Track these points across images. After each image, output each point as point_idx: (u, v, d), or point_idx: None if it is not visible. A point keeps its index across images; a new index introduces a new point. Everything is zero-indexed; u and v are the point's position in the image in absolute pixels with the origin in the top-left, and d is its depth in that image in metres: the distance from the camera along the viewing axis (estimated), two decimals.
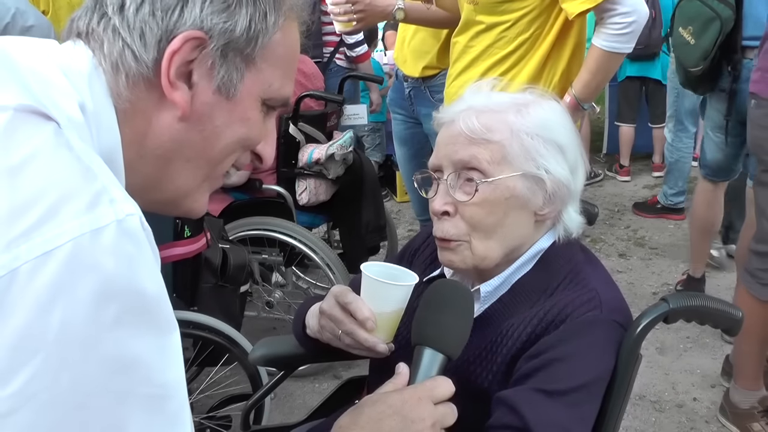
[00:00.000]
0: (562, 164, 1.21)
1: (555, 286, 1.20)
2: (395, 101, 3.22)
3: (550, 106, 1.26)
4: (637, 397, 2.87)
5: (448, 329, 1.06)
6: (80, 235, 0.60)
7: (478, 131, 1.19)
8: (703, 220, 3.48)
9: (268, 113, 0.87)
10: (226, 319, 2.32)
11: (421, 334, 1.07)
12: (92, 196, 0.63)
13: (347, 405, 1.51)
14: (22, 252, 0.58)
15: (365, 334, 1.16)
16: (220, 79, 0.79)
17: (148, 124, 0.79)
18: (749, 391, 2.60)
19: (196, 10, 0.77)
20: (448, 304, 1.09)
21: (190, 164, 0.83)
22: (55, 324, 0.58)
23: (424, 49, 2.99)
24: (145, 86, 0.78)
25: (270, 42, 0.81)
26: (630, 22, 2.10)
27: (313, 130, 3.15)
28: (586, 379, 1.10)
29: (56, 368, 0.59)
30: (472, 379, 1.18)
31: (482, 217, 1.20)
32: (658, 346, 3.23)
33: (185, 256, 2.32)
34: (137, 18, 0.77)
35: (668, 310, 1.17)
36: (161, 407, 0.67)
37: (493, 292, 1.25)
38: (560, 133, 1.22)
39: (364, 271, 1.18)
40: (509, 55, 2.32)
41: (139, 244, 0.65)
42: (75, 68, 0.76)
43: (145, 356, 0.65)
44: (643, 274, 4.13)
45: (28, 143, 0.63)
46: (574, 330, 1.12)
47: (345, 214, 3.36)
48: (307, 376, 3.02)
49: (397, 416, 0.94)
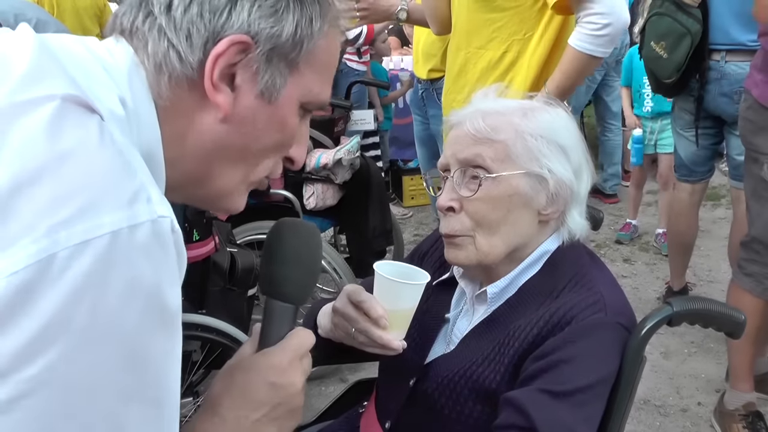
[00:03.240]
0: (565, 165, 1.24)
1: (561, 288, 1.22)
2: (414, 102, 3.26)
3: (556, 112, 1.29)
4: (642, 401, 2.88)
5: (292, 279, 0.97)
6: (119, 228, 0.61)
7: (484, 131, 1.23)
8: (680, 234, 3.52)
9: (303, 116, 0.87)
10: (233, 322, 2.33)
11: (267, 286, 0.98)
12: (132, 191, 0.64)
13: (354, 408, 1.53)
14: (62, 238, 0.59)
15: (379, 331, 1.18)
16: (264, 84, 0.79)
17: (190, 124, 0.79)
18: (739, 392, 2.61)
19: (244, 13, 0.76)
20: (289, 253, 0.97)
21: (229, 165, 0.83)
22: (83, 312, 0.59)
23: (432, 52, 3.02)
24: (187, 86, 0.77)
25: (314, 48, 0.81)
26: (605, 24, 2.06)
27: (320, 135, 3.17)
28: (591, 380, 1.12)
29: (76, 356, 0.60)
30: (480, 380, 1.20)
31: (486, 213, 1.22)
32: (662, 350, 3.24)
33: (194, 260, 2.34)
34: (185, 19, 0.76)
35: (672, 313, 1.19)
36: (160, 413, 0.67)
37: (500, 294, 1.27)
38: (564, 136, 1.26)
39: (378, 270, 1.19)
40: (501, 58, 2.31)
41: (167, 248, 0.65)
42: (114, 64, 0.76)
43: (157, 358, 0.65)
44: (647, 279, 4.14)
45: (75, 133, 0.64)
46: (579, 332, 1.14)
47: (352, 219, 3.38)
48: (314, 379, 3.03)
49: (267, 385, 0.89)
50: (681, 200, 3.45)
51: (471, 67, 2.39)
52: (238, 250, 2.58)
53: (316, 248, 1.00)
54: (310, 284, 1.01)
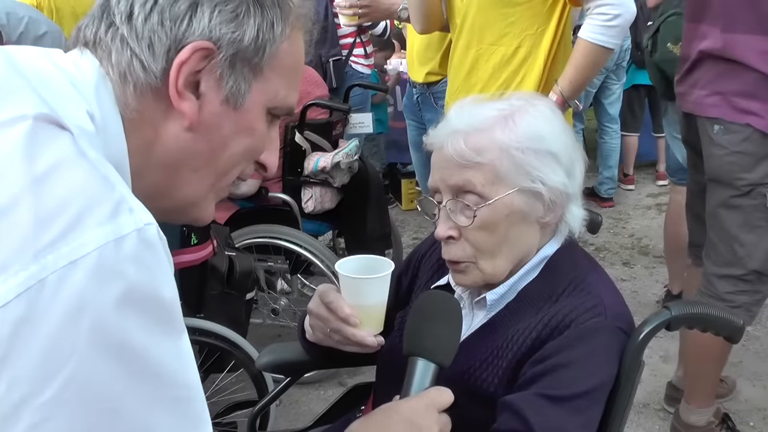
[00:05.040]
0: (557, 171, 1.20)
1: (560, 292, 1.21)
2: (408, 108, 3.24)
3: (537, 112, 1.23)
4: (642, 405, 2.87)
5: (439, 339, 1.08)
6: (104, 243, 0.61)
7: (468, 155, 1.18)
8: (678, 237, 3.51)
9: (272, 122, 0.87)
10: (232, 326, 2.33)
11: (413, 345, 1.09)
12: (113, 205, 0.64)
13: (352, 411, 1.53)
14: (50, 262, 0.59)
15: (351, 329, 1.19)
16: (228, 89, 0.79)
17: (156, 134, 0.79)
18: (705, 408, 2.56)
19: (205, 20, 0.77)
20: (438, 314, 1.11)
21: (197, 174, 0.83)
22: (84, 331, 0.59)
23: (428, 55, 3.01)
24: (152, 96, 0.77)
25: (277, 51, 0.81)
26: (616, 15, 2.08)
27: (318, 138, 3.17)
28: (589, 385, 1.12)
29: (87, 374, 0.60)
30: (478, 384, 1.20)
31: (485, 239, 1.21)
32: (662, 354, 3.23)
33: (192, 264, 2.33)
34: (146, 27, 0.76)
35: (670, 318, 1.19)
36: (185, 409, 0.68)
37: (500, 300, 1.26)
38: (551, 141, 1.21)
39: (338, 268, 1.21)
40: (513, 54, 2.30)
41: (157, 252, 0.66)
42: (82, 78, 0.76)
43: (168, 360, 0.66)
44: (646, 282, 4.13)
45: (50, 153, 0.64)
46: (578, 336, 1.14)
47: (350, 222, 3.38)
48: (312, 383, 3.03)
49: (405, 422, 0.97)
50: (678, 204, 3.44)
51: (483, 64, 2.36)
52: (236, 253, 2.57)
53: (460, 317, 1.12)
54: (454, 348, 1.10)
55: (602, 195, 5.54)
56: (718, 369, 2.56)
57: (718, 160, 2.28)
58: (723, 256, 2.36)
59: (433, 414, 0.99)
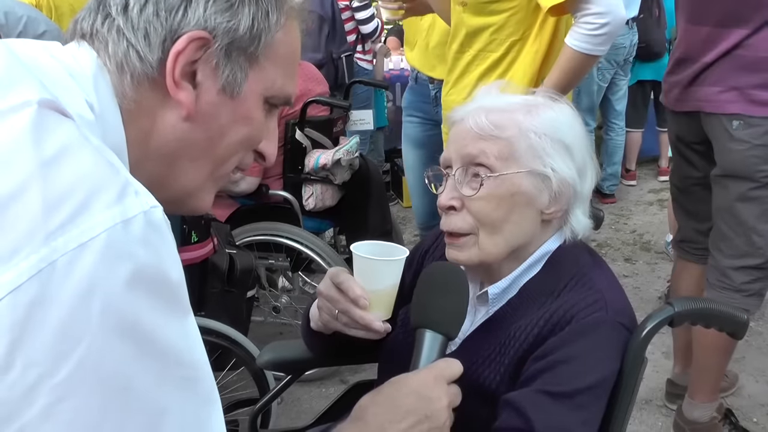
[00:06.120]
0: (569, 164, 1.22)
1: (562, 287, 1.21)
2: (413, 104, 3.23)
3: (560, 109, 1.27)
4: (644, 401, 2.87)
5: (444, 311, 1.10)
6: (113, 225, 0.62)
7: (487, 128, 1.21)
8: None
9: (270, 111, 0.88)
10: (233, 324, 2.33)
11: (420, 317, 1.10)
12: (119, 188, 0.65)
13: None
14: (60, 245, 0.60)
15: (360, 312, 1.17)
16: (225, 79, 0.80)
17: (153, 124, 0.80)
18: (708, 403, 2.56)
19: (200, 9, 0.78)
20: (443, 285, 1.12)
21: (195, 163, 0.84)
22: (95, 312, 0.60)
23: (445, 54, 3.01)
24: (149, 86, 0.79)
25: (273, 41, 0.83)
26: (603, 24, 2.06)
27: (319, 135, 3.16)
28: (591, 380, 1.11)
29: (100, 354, 0.60)
30: (480, 381, 1.19)
31: (489, 212, 1.21)
32: (664, 350, 3.22)
33: (192, 262, 2.33)
34: (141, 18, 0.77)
35: (674, 314, 1.18)
36: (195, 388, 0.68)
37: (502, 295, 1.26)
38: (568, 134, 1.24)
39: (354, 250, 1.20)
40: (502, 58, 2.32)
41: (163, 234, 0.67)
42: (80, 69, 0.77)
43: (176, 339, 0.66)
44: (649, 278, 4.13)
45: (56, 138, 0.64)
46: (579, 331, 1.13)
47: (351, 219, 3.37)
48: (314, 380, 3.03)
49: (414, 394, 0.97)
50: None
51: (474, 68, 2.41)
52: (237, 251, 2.57)
53: (466, 287, 1.14)
54: (461, 318, 1.11)
55: (604, 191, 5.53)
56: (725, 362, 2.56)
57: (739, 155, 2.28)
58: (739, 248, 2.36)
59: (442, 386, 0.99)
